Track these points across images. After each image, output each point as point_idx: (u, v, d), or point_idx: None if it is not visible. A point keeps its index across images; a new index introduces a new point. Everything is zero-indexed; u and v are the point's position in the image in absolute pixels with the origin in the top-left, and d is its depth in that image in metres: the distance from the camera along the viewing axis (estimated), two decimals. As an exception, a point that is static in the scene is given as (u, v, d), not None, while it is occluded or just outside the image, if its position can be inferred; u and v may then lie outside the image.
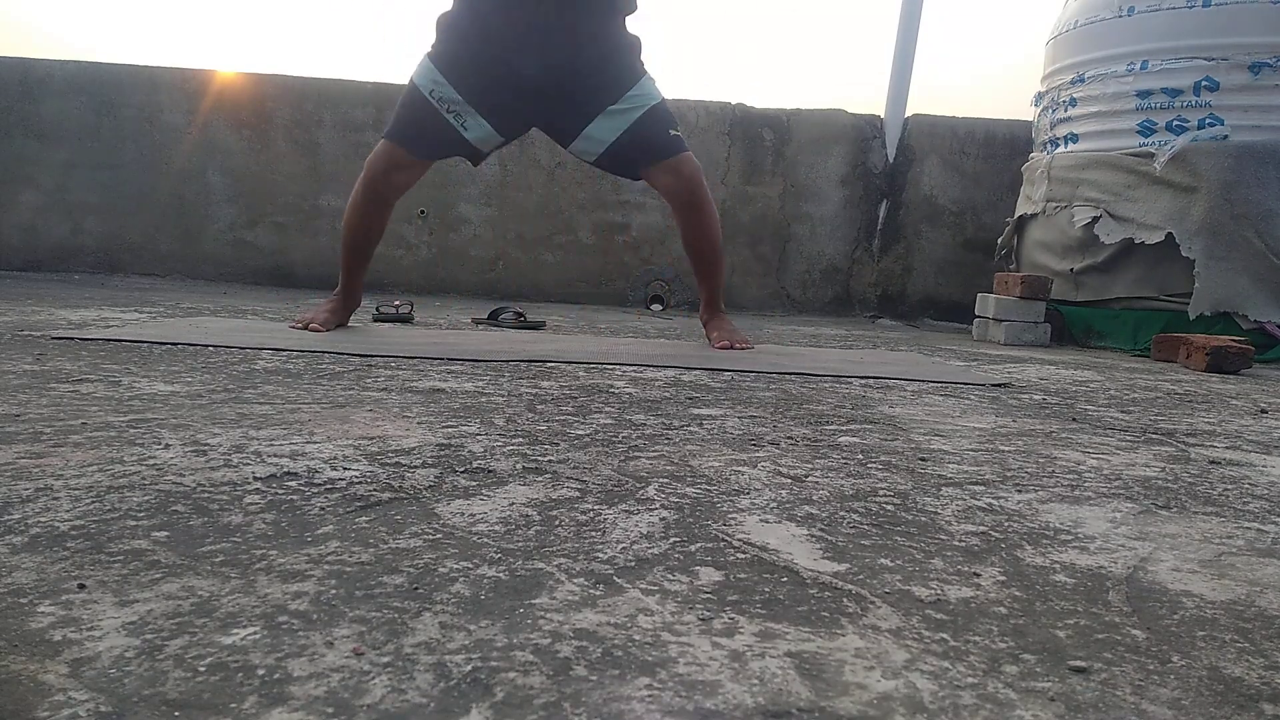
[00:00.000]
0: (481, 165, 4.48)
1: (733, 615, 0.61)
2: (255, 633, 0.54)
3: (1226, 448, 1.35)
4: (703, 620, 0.60)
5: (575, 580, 0.66)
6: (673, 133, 2.36)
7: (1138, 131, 3.16)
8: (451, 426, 1.20)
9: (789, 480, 0.99)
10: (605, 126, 2.31)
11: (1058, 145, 3.52)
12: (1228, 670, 0.56)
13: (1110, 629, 0.62)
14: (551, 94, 2.28)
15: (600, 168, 2.46)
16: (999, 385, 1.97)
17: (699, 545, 0.75)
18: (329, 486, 0.87)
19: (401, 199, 4.55)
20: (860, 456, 1.14)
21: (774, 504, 0.89)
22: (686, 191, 2.38)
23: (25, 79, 4.29)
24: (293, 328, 2.27)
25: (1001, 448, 1.25)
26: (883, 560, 0.74)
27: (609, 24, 2.31)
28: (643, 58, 2.38)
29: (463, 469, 0.97)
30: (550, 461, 1.02)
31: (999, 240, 3.92)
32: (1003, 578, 0.71)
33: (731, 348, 2.38)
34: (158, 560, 0.65)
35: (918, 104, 4.46)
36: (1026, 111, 3.96)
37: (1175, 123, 3.07)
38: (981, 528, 0.85)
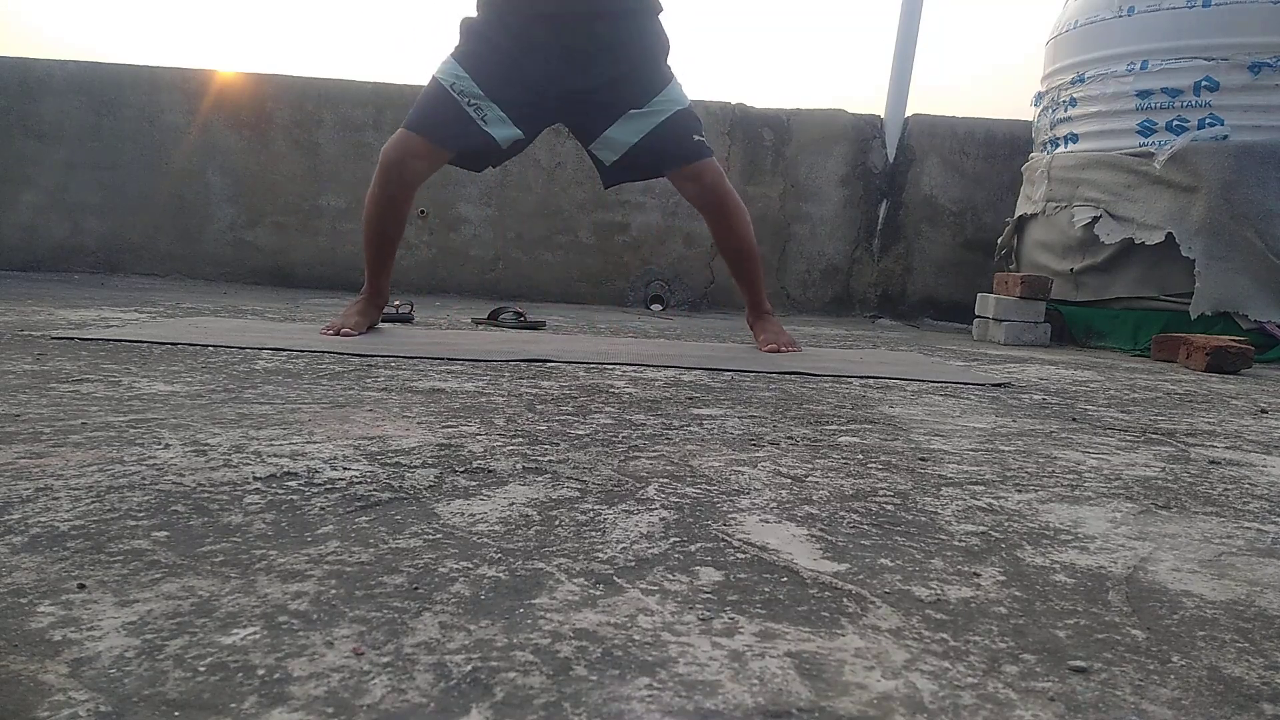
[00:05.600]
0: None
1: (733, 615, 0.61)
2: (255, 633, 0.54)
3: (1226, 448, 1.35)
4: (703, 620, 0.60)
5: (575, 580, 0.66)
6: (696, 138, 2.34)
7: (1138, 131, 3.16)
8: (451, 426, 1.20)
9: (789, 480, 0.99)
10: (627, 129, 2.29)
11: (1058, 145, 3.52)
12: (1228, 670, 0.56)
13: (1110, 629, 0.62)
14: (576, 95, 2.26)
15: (615, 173, 2.40)
16: (999, 385, 1.97)
17: (699, 545, 0.75)
18: (329, 486, 0.87)
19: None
20: (860, 456, 1.14)
21: (774, 504, 0.89)
22: (710, 197, 2.36)
23: (25, 79, 4.29)
24: (324, 334, 2.23)
25: (1001, 448, 1.25)
26: (883, 560, 0.74)
27: (635, 26, 2.28)
28: (669, 62, 2.35)
29: (463, 469, 0.97)
30: (550, 461, 1.02)
31: (999, 240, 3.92)
32: (1003, 578, 0.71)
33: (779, 350, 2.36)
34: (158, 560, 0.65)
35: (918, 104, 4.47)
36: (1026, 111, 3.96)
37: (1175, 123, 3.07)
38: (981, 528, 0.85)
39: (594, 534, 0.77)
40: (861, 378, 1.97)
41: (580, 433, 1.20)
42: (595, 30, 2.22)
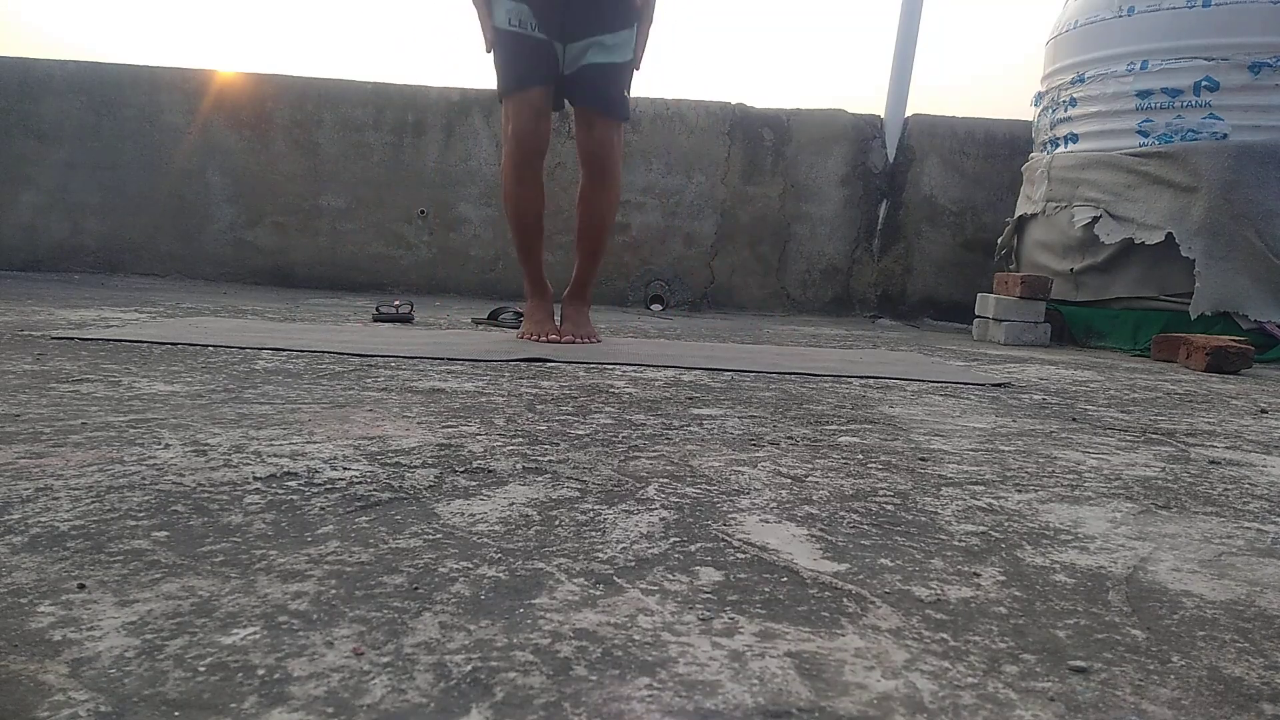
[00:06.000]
0: (480, 165, 4.46)
1: (733, 615, 0.61)
2: (255, 633, 0.54)
3: (1226, 448, 1.35)
4: (703, 620, 0.60)
5: (575, 580, 0.66)
6: (622, 94, 2.36)
7: (1138, 131, 3.16)
8: (451, 426, 1.20)
9: (789, 480, 0.99)
10: (582, 49, 2.30)
11: (1058, 145, 3.52)
12: (1228, 670, 0.56)
13: (1110, 629, 0.62)
14: (575, 5, 2.28)
15: (562, 87, 2.42)
16: (999, 385, 1.97)
17: (699, 545, 0.75)
18: (329, 486, 0.87)
19: (407, 199, 4.55)
20: (860, 456, 1.14)
21: (774, 504, 0.89)
22: (596, 153, 2.37)
23: (25, 79, 4.29)
24: (528, 339, 2.32)
25: (1001, 448, 1.25)
26: (883, 560, 0.74)
27: None
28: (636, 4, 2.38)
29: (463, 469, 0.97)
30: (550, 461, 1.02)
31: (999, 240, 3.92)
32: (1003, 578, 0.71)
33: (575, 342, 2.36)
34: (158, 560, 0.65)
35: (918, 104, 4.47)
36: (1026, 111, 3.96)
37: (1175, 123, 3.07)
38: (981, 528, 0.85)
39: (594, 534, 0.77)
40: (861, 378, 1.97)
41: (580, 433, 1.20)
42: None
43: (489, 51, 2.35)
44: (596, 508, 0.85)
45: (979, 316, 3.52)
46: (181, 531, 0.72)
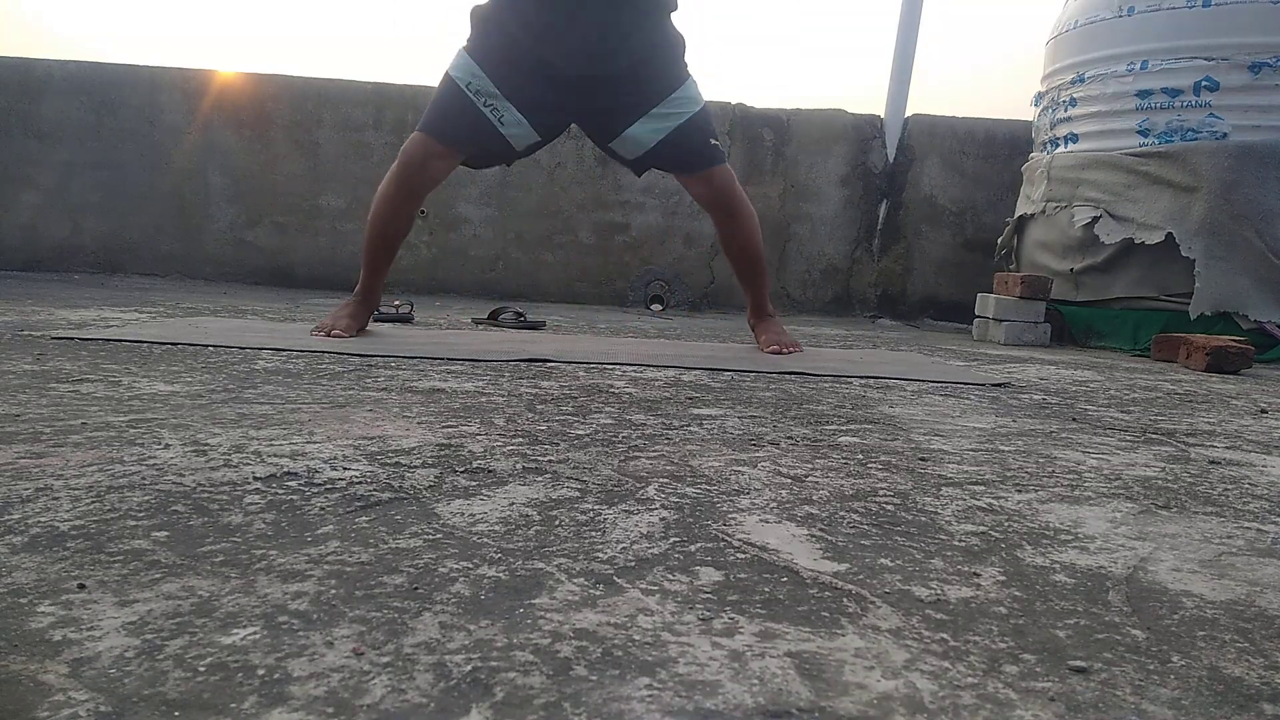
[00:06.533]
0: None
1: (733, 615, 0.61)
2: (255, 633, 0.54)
3: (1226, 448, 1.35)
4: (703, 620, 0.60)
5: (575, 580, 0.66)
6: (712, 142, 2.33)
7: (1138, 131, 3.16)
8: (451, 426, 1.20)
9: (789, 480, 0.99)
10: (646, 129, 2.26)
11: (1058, 145, 3.52)
12: (1228, 670, 0.56)
13: (1110, 629, 0.62)
14: (592, 92, 2.22)
15: (638, 166, 2.41)
16: (999, 385, 1.97)
17: (699, 545, 0.75)
18: (329, 486, 0.87)
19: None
20: (860, 456, 1.14)
21: (774, 504, 0.89)
22: (719, 201, 2.37)
23: (25, 79, 4.29)
24: (313, 334, 2.21)
25: (1001, 448, 1.25)
26: (883, 560, 0.74)
27: (652, 21, 2.23)
28: (686, 59, 2.33)
29: (463, 469, 0.97)
30: (550, 461, 1.02)
31: (999, 240, 3.92)
32: (1003, 578, 0.71)
33: (780, 351, 2.36)
34: (158, 560, 0.65)
35: (918, 104, 4.47)
36: (1026, 111, 3.96)
37: (1175, 123, 3.07)
38: (981, 528, 0.85)
39: (594, 534, 0.77)
40: (861, 378, 1.97)
41: (580, 433, 1.20)
42: (613, 17, 2.16)
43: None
44: (596, 508, 0.85)
45: (979, 316, 3.52)
46: (181, 531, 0.72)
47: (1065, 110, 3.45)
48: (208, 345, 1.90)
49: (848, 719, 0.48)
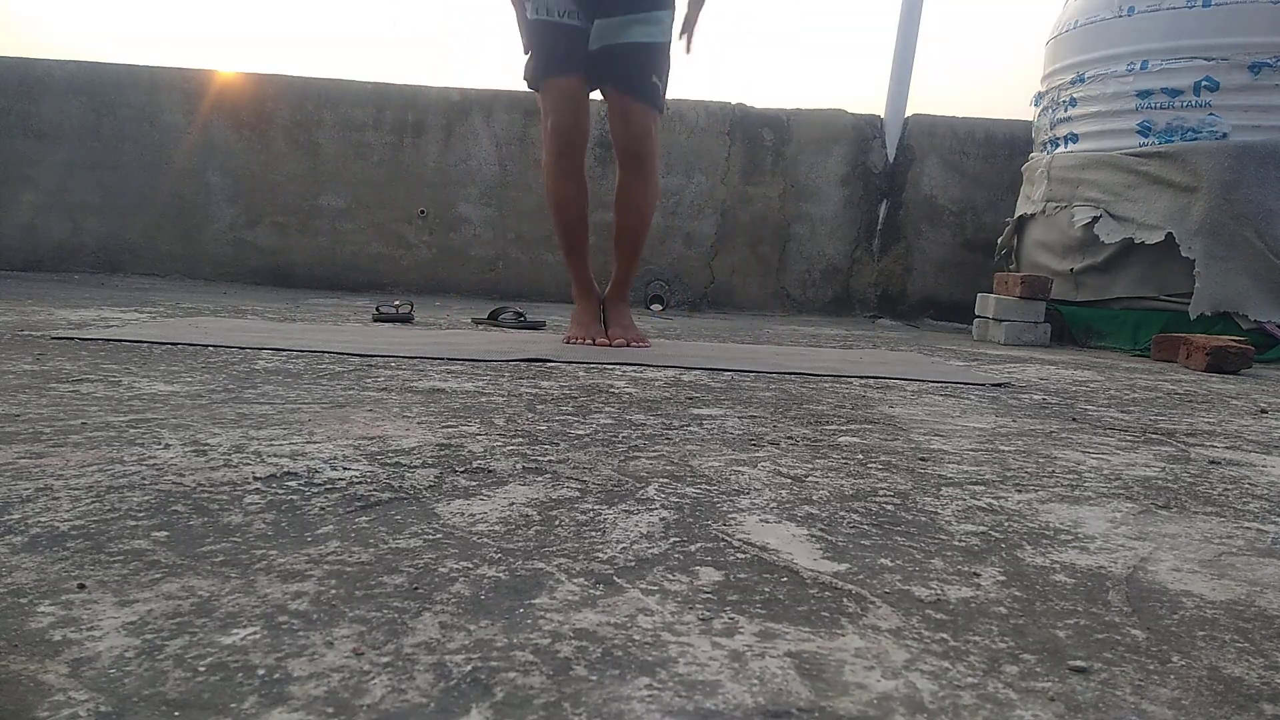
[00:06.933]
0: (480, 165, 4.46)
1: (733, 615, 0.61)
2: (255, 633, 0.54)
3: (1226, 448, 1.35)
4: (703, 620, 0.60)
5: (575, 580, 0.66)
6: (654, 80, 2.28)
7: (1138, 131, 3.16)
8: (451, 426, 1.20)
9: (789, 480, 0.99)
10: (613, 26, 2.24)
11: (1058, 145, 3.52)
12: (1228, 670, 0.56)
13: (1110, 629, 0.62)
14: None
15: (589, 74, 2.34)
16: (999, 385, 1.97)
17: (699, 545, 0.75)
18: (329, 486, 0.87)
19: (406, 199, 4.55)
20: (860, 456, 1.14)
21: (774, 504, 0.89)
22: (630, 144, 2.30)
23: (25, 79, 4.29)
24: (579, 342, 2.29)
25: (1001, 448, 1.25)
26: (883, 560, 0.74)
27: None
28: None
29: (463, 469, 0.97)
30: (550, 461, 1.02)
31: (999, 240, 3.92)
32: (1003, 578, 0.71)
33: (627, 345, 2.31)
34: (158, 560, 0.65)
35: (918, 104, 4.47)
36: (1026, 111, 3.96)
37: (1175, 123, 3.07)
38: (981, 528, 0.85)
39: (594, 534, 0.77)
40: (861, 378, 1.97)
41: (580, 433, 1.20)
42: None
43: (526, 52, 2.31)
44: (596, 508, 0.85)
45: (979, 316, 3.52)
46: (181, 531, 0.72)
47: (1065, 110, 3.45)
48: (208, 345, 1.90)
49: (848, 719, 0.48)
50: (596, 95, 2.37)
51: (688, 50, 2.41)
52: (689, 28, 2.39)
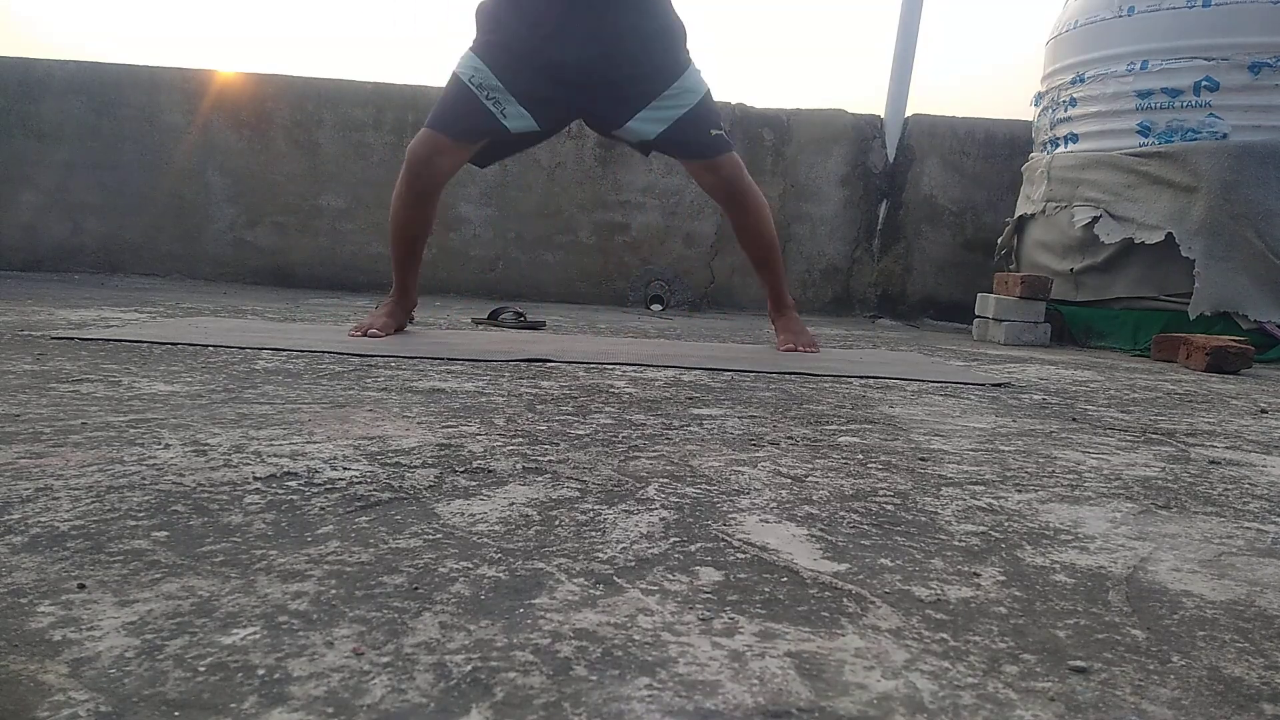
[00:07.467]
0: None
1: (733, 615, 0.61)
2: (255, 633, 0.54)
3: (1226, 448, 1.35)
4: (703, 620, 0.60)
5: (575, 580, 0.66)
6: (714, 133, 2.33)
7: (1138, 131, 3.16)
8: (451, 426, 1.20)
9: (789, 480, 0.99)
10: (649, 119, 2.28)
11: (1058, 145, 3.52)
12: (1228, 670, 0.56)
13: (1110, 629, 0.62)
14: (594, 84, 2.24)
15: (641, 150, 2.45)
16: (999, 385, 1.97)
17: (699, 545, 0.75)
18: (329, 486, 0.87)
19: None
20: (860, 456, 1.14)
21: (774, 504, 0.89)
22: (726, 191, 2.37)
23: (25, 79, 4.29)
24: (351, 335, 2.23)
25: (1001, 448, 1.25)
26: (883, 560, 0.74)
27: (654, 9, 2.27)
28: (688, 46, 2.34)
29: (463, 469, 0.97)
30: (550, 461, 1.02)
31: (999, 240, 3.92)
32: (1003, 578, 0.71)
33: (795, 350, 2.37)
34: (158, 560, 0.65)
35: (918, 104, 4.47)
36: (1026, 111, 3.96)
37: (1175, 123, 3.07)
38: (981, 528, 0.85)
39: (594, 534, 0.77)
40: (861, 378, 1.97)
41: (580, 433, 1.20)
42: (613, 7, 2.20)
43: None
44: (596, 508, 0.85)
45: (979, 316, 3.52)
46: (181, 531, 0.72)
47: (1065, 110, 3.45)
48: (208, 345, 1.90)
49: (848, 719, 0.48)
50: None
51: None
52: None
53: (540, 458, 1.04)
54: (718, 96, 2.40)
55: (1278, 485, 1.11)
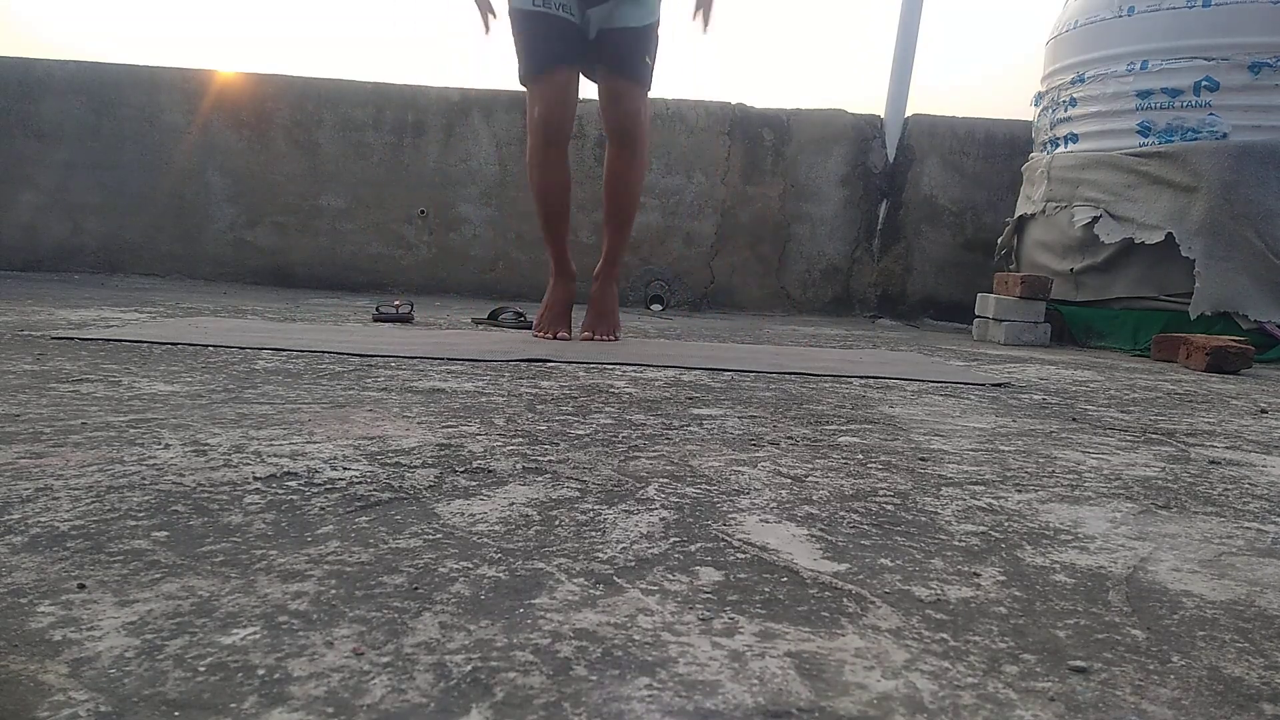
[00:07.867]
0: (481, 165, 4.46)
1: (733, 615, 0.61)
2: (255, 633, 0.54)
3: (1226, 448, 1.35)
4: (703, 620, 0.60)
5: (575, 580, 0.66)
6: (647, 59, 2.34)
7: (1138, 131, 3.16)
8: (451, 426, 1.20)
9: (789, 480, 0.99)
10: (606, 11, 2.28)
11: (1058, 145, 3.52)
12: (1228, 670, 0.56)
13: (1110, 629, 0.62)
14: None
15: (588, 61, 2.40)
16: (999, 385, 1.97)
17: (699, 545, 0.75)
18: (329, 486, 0.87)
19: (406, 199, 4.54)
20: (860, 456, 1.14)
21: (774, 504, 0.89)
22: (623, 125, 2.36)
23: (25, 79, 4.29)
24: (542, 338, 2.29)
25: (1001, 448, 1.25)
26: (883, 560, 0.74)
27: None
28: None
29: (463, 469, 0.97)
30: (550, 461, 1.02)
31: (999, 240, 3.92)
32: (1003, 578, 0.71)
33: (593, 338, 2.37)
34: (158, 560, 0.65)
35: (918, 104, 4.47)
36: (1026, 111, 3.96)
37: (1175, 123, 3.07)
38: (981, 528, 0.85)
39: (594, 534, 0.77)
40: (861, 378, 1.97)
41: (580, 433, 1.20)
42: None
43: (487, 34, 2.35)
44: (596, 508, 0.85)
45: (979, 316, 3.52)
46: (181, 531, 0.72)
47: (1065, 110, 3.45)
48: (208, 345, 1.90)
49: (848, 719, 0.48)
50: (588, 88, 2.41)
51: (705, 30, 2.43)
52: (704, 4, 2.40)
53: (540, 458, 1.04)
54: (717, 96, 2.42)
55: (1278, 485, 1.11)
